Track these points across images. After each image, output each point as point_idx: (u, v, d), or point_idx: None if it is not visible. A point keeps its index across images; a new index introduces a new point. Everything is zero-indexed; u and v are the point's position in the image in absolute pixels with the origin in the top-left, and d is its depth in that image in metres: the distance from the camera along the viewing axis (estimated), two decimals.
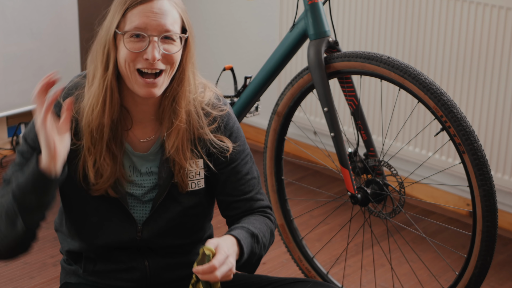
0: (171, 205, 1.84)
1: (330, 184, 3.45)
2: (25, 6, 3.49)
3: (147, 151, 1.83)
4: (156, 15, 1.70)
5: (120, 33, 1.71)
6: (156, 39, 1.70)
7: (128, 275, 1.87)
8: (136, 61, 1.71)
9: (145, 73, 1.72)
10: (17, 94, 3.57)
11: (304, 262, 2.58)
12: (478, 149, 2.06)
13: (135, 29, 1.70)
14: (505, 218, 3.09)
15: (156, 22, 1.70)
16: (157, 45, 1.70)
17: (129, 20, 1.71)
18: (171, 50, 1.72)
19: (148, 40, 1.70)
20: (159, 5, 1.71)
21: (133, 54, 1.71)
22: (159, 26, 1.70)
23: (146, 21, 1.70)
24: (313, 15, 2.33)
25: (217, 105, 1.86)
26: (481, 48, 2.94)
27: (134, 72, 1.72)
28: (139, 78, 1.72)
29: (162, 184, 1.82)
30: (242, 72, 3.28)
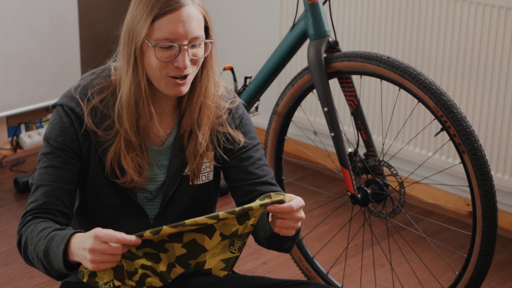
0: (181, 199, 1.86)
1: (330, 184, 3.44)
2: (25, 6, 3.49)
3: (162, 145, 1.84)
4: (185, 24, 1.71)
5: (151, 45, 1.71)
6: (185, 47, 1.71)
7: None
8: (167, 68, 1.72)
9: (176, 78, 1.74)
10: (17, 94, 3.57)
11: (304, 262, 2.58)
12: (478, 149, 2.06)
13: (165, 40, 1.71)
14: (505, 218, 3.09)
15: (185, 31, 1.71)
16: (187, 53, 1.72)
17: (157, 29, 1.71)
18: (199, 55, 1.75)
19: (178, 49, 1.71)
20: (187, 13, 1.72)
21: (163, 63, 1.72)
22: (188, 34, 1.71)
23: (175, 30, 1.70)
24: (313, 15, 2.33)
25: (227, 97, 1.89)
26: (481, 48, 2.94)
27: (165, 78, 1.73)
28: (170, 79, 1.73)
29: (172, 177, 1.84)
30: (242, 72, 3.27)
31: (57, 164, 1.79)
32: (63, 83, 3.69)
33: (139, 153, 1.79)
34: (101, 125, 1.78)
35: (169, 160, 1.84)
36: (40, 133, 3.77)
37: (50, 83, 3.66)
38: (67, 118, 1.78)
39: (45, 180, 1.79)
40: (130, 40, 1.74)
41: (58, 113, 1.79)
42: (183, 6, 1.72)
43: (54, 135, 1.78)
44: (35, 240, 1.72)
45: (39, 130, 3.79)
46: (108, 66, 1.85)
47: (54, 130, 1.79)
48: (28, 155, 3.63)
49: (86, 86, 1.81)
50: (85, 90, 1.80)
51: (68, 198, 1.80)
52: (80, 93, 1.79)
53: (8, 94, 3.55)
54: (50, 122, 1.81)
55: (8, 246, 2.91)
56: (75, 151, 1.79)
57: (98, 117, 1.78)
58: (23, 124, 3.76)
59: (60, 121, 1.78)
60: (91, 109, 1.77)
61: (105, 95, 1.79)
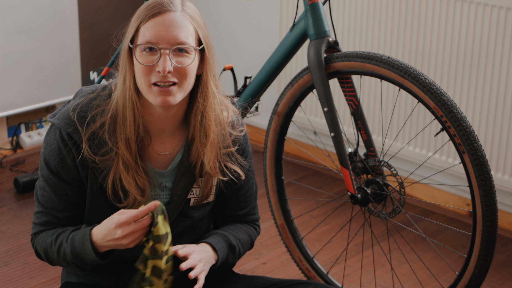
0: (182, 220, 1.86)
1: (330, 184, 3.44)
2: (25, 6, 3.49)
3: (165, 168, 1.83)
4: (168, 28, 1.70)
5: (132, 46, 1.71)
6: (167, 51, 1.69)
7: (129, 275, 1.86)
8: (151, 75, 1.70)
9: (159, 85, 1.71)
10: (17, 94, 3.57)
11: (304, 262, 2.58)
12: (478, 149, 2.06)
13: (147, 42, 1.70)
14: (505, 218, 3.09)
15: (167, 35, 1.69)
16: (169, 58, 1.69)
17: (141, 34, 1.71)
18: (184, 63, 1.71)
19: (159, 53, 1.70)
20: (171, 17, 1.70)
21: (146, 67, 1.70)
22: (171, 38, 1.70)
23: (157, 34, 1.69)
24: (313, 15, 2.33)
25: (237, 125, 1.88)
26: (481, 48, 2.94)
27: (150, 86, 1.71)
28: (154, 87, 1.71)
29: (176, 201, 1.83)
30: (242, 72, 3.27)
31: (60, 192, 1.79)
32: (63, 83, 3.69)
33: (139, 172, 1.77)
34: (98, 152, 1.76)
35: (172, 183, 1.83)
36: (40, 133, 3.77)
37: (50, 83, 3.66)
38: (63, 145, 1.75)
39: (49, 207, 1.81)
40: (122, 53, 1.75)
41: (55, 136, 1.76)
42: (169, 11, 1.71)
43: (52, 161, 1.77)
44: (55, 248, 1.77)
45: (39, 130, 3.79)
46: (109, 85, 1.82)
47: (52, 155, 1.77)
48: (28, 155, 3.63)
49: (86, 107, 1.77)
50: (84, 113, 1.76)
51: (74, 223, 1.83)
52: (78, 116, 1.76)
53: (8, 94, 3.54)
54: (47, 141, 1.79)
55: (8, 246, 2.91)
56: (74, 177, 1.78)
57: (96, 144, 1.76)
58: (23, 124, 3.76)
59: (58, 148, 1.76)
60: (89, 135, 1.75)
61: (105, 120, 1.76)
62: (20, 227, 3.04)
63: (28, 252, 2.87)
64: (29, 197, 3.27)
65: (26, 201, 3.24)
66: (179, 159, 1.83)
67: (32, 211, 3.15)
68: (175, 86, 1.71)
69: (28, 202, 3.24)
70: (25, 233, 3.00)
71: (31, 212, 3.15)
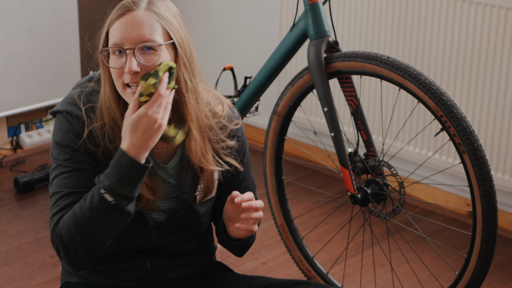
0: (188, 216, 1.86)
1: (330, 184, 3.44)
2: (24, 6, 3.49)
3: (166, 163, 1.83)
4: (130, 28, 1.69)
5: (99, 51, 1.72)
6: (133, 51, 1.69)
7: (129, 275, 1.87)
8: (123, 77, 1.70)
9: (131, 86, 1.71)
10: (17, 94, 3.57)
11: (304, 262, 2.57)
12: (478, 149, 2.06)
13: (113, 45, 1.70)
14: (505, 218, 3.09)
15: (130, 34, 1.69)
16: (134, 58, 1.68)
17: (110, 37, 1.72)
18: (151, 61, 1.70)
19: (126, 55, 1.69)
20: (132, 17, 1.70)
21: (117, 70, 1.70)
22: (134, 38, 1.69)
23: (120, 35, 1.69)
24: (313, 15, 2.33)
25: (232, 117, 1.88)
26: (481, 48, 2.94)
27: (124, 88, 1.72)
28: (127, 89, 1.71)
29: (186, 199, 1.83)
30: (242, 72, 3.27)
31: (81, 166, 1.75)
32: (63, 83, 3.69)
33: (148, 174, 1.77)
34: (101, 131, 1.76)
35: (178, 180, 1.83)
36: (40, 133, 3.77)
37: (50, 82, 3.66)
38: (77, 124, 1.75)
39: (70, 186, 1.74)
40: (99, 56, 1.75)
41: (66, 119, 1.76)
42: (130, 11, 1.70)
43: (68, 140, 1.75)
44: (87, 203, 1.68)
45: (39, 130, 3.79)
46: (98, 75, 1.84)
47: (67, 136, 1.75)
48: (28, 155, 3.63)
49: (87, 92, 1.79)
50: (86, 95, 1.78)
51: None
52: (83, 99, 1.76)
53: (8, 94, 3.54)
54: (56, 129, 1.77)
55: (8, 246, 2.91)
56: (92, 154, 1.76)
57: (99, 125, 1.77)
58: (23, 124, 3.76)
59: (71, 126, 1.75)
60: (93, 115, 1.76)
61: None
62: (20, 227, 3.04)
63: (28, 252, 2.87)
64: (29, 197, 3.27)
65: (26, 201, 3.24)
66: (179, 156, 1.83)
67: (32, 211, 3.15)
68: None
69: (28, 202, 3.24)
70: (25, 233, 3.00)
71: (31, 212, 3.15)
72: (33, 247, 2.90)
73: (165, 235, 1.85)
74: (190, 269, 1.92)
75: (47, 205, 3.19)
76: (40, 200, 3.24)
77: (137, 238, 1.83)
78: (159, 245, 1.86)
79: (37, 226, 3.04)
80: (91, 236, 1.70)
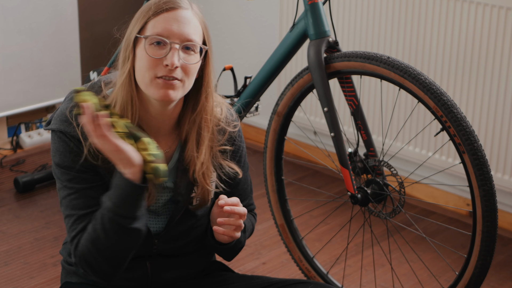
0: (186, 219, 1.86)
1: (330, 184, 3.44)
2: (24, 6, 3.49)
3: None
4: (180, 24, 1.70)
5: (142, 36, 1.70)
6: (177, 46, 1.70)
7: (129, 275, 1.87)
8: (157, 68, 1.70)
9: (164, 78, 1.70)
10: (17, 94, 3.57)
11: (304, 262, 2.57)
12: (478, 149, 2.06)
13: (158, 34, 1.70)
14: (505, 218, 3.09)
15: (178, 30, 1.70)
16: (177, 53, 1.70)
17: (151, 27, 1.71)
18: (191, 61, 1.72)
19: (169, 47, 1.69)
20: (184, 14, 1.72)
21: (152, 60, 1.69)
22: (182, 34, 1.70)
23: (169, 28, 1.70)
24: (313, 15, 2.33)
25: (230, 120, 1.88)
26: (481, 48, 2.94)
27: (153, 79, 1.70)
28: (157, 80, 1.70)
29: (181, 201, 1.83)
30: (242, 72, 3.27)
31: (85, 185, 1.75)
32: (63, 83, 3.69)
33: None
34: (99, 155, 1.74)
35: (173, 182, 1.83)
36: (40, 133, 3.77)
37: (50, 83, 3.66)
38: (73, 144, 1.74)
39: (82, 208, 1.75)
40: (126, 45, 1.73)
41: (60, 140, 1.75)
42: (181, 8, 1.72)
43: (68, 161, 1.74)
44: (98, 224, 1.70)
45: (39, 130, 3.79)
46: (97, 82, 1.82)
47: (65, 157, 1.75)
48: (28, 155, 3.63)
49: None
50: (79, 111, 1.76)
51: None
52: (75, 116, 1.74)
53: (8, 94, 3.54)
54: (54, 149, 1.77)
55: (8, 246, 2.91)
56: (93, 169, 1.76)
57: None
58: (23, 124, 3.75)
59: (68, 146, 1.74)
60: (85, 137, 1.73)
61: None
62: (20, 227, 3.04)
63: (28, 252, 2.87)
64: (29, 197, 3.27)
65: (26, 201, 3.24)
66: (177, 158, 1.83)
67: (32, 211, 3.15)
68: (178, 81, 1.71)
69: (28, 202, 3.24)
70: (25, 233, 3.00)
71: (31, 212, 3.15)
72: (33, 247, 2.90)
73: (167, 243, 1.85)
74: (190, 269, 1.92)
75: (47, 205, 3.20)
76: (40, 200, 3.24)
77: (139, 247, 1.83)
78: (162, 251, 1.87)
79: (37, 226, 3.04)
80: (112, 254, 1.72)
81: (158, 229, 1.85)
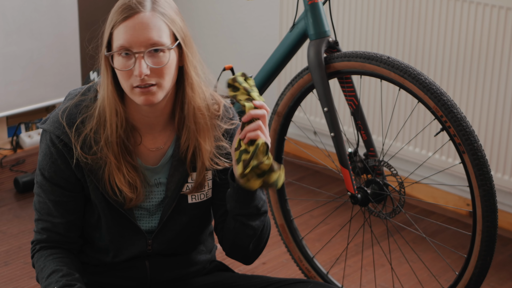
0: (179, 217, 1.85)
1: (330, 184, 3.44)
2: (25, 6, 3.49)
3: (156, 164, 1.82)
4: (138, 31, 1.68)
5: (106, 54, 1.71)
6: (142, 54, 1.68)
7: (129, 274, 1.87)
8: (131, 78, 1.69)
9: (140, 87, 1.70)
10: (17, 94, 3.57)
11: (304, 262, 2.58)
12: (478, 149, 2.06)
13: (120, 48, 1.69)
14: (505, 218, 3.09)
15: (138, 38, 1.68)
16: (144, 61, 1.68)
17: (115, 39, 1.70)
18: (161, 63, 1.70)
19: (134, 57, 1.68)
20: (140, 19, 1.69)
21: (124, 72, 1.69)
22: (144, 41, 1.68)
23: (128, 38, 1.68)
24: (313, 15, 2.33)
25: (227, 118, 1.87)
26: (481, 48, 2.94)
27: (132, 88, 1.71)
28: (135, 89, 1.70)
29: (170, 196, 1.82)
30: None
31: (53, 198, 1.78)
32: (63, 83, 3.69)
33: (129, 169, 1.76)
34: (89, 153, 1.75)
35: (166, 178, 1.82)
36: (40, 133, 3.77)
37: (50, 83, 3.66)
38: (54, 149, 1.75)
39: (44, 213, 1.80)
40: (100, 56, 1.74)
41: (46, 141, 1.76)
42: (137, 13, 1.69)
43: (45, 166, 1.77)
44: (44, 282, 1.75)
45: (39, 130, 3.79)
46: (94, 85, 1.82)
47: (45, 161, 1.77)
48: (28, 155, 3.64)
49: (74, 109, 1.77)
50: (73, 115, 1.76)
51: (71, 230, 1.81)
52: (67, 119, 1.75)
53: (8, 94, 3.55)
54: (40, 148, 1.79)
55: (8, 246, 2.91)
56: (69, 180, 1.77)
57: (86, 145, 1.75)
58: (23, 124, 3.76)
59: (49, 152, 1.76)
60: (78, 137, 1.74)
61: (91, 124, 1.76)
62: (20, 227, 3.04)
63: (28, 252, 2.87)
64: (29, 197, 3.27)
65: (26, 201, 3.24)
66: (171, 153, 1.82)
67: (32, 211, 3.15)
68: (154, 86, 1.70)
69: (28, 202, 3.24)
70: (25, 233, 3.00)
71: (31, 212, 3.15)
72: None
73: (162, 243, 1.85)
74: (190, 268, 1.92)
75: None
76: None
77: (133, 248, 1.83)
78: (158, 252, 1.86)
79: None
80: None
81: (151, 228, 1.85)
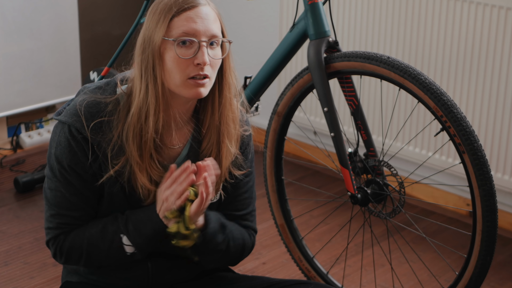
0: None
1: (330, 184, 3.44)
2: (25, 6, 3.49)
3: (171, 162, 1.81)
4: (203, 20, 1.71)
5: (170, 39, 1.69)
6: (204, 44, 1.70)
7: (130, 275, 1.87)
8: (188, 69, 1.69)
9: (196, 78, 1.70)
10: (17, 94, 3.57)
11: (304, 262, 2.57)
12: (478, 149, 2.06)
13: (184, 34, 1.69)
14: (505, 218, 3.09)
15: (204, 27, 1.70)
16: (206, 50, 1.70)
17: (175, 27, 1.70)
18: (217, 56, 1.74)
19: (197, 46, 1.70)
20: (205, 11, 1.72)
21: (182, 61, 1.69)
22: (207, 31, 1.71)
23: (194, 26, 1.70)
24: (313, 15, 2.33)
25: (242, 123, 1.88)
26: (481, 48, 2.94)
27: (185, 79, 1.70)
28: (189, 81, 1.70)
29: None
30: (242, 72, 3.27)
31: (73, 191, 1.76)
32: (63, 83, 3.69)
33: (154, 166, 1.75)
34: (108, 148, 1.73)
35: None
36: (40, 133, 3.77)
37: (50, 83, 3.66)
38: (74, 141, 1.72)
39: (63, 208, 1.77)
40: (147, 45, 1.70)
41: (65, 134, 1.73)
42: (201, 5, 1.72)
43: (65, 159, 1.74)
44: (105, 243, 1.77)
45: (39, 130, 3.79)
46: (113, 80, 1.79)
47: (64, 154, 1.74)
48: (28, 155, 3.64)
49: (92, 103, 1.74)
50: (91, 109, 1.73)
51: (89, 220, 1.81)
52: (85, 112, 1.73)
53: (8, 94, 3.55)
54: (56, 140, 1.75)
55: (8, 246, 2.91)
56: (88, 172, 1.75)
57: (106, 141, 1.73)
58: (23, 124, 3.76)
59: (69, 145, 1.73)
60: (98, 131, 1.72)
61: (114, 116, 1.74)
62: (20, 227, 3.04)
63: (28, 252, 2.87)
64: (29, 197, 3.27)
65: (26, 201, 3.24)
66: (186, 153, 1.82)
67: (32, 211, 3.15)
68: (207, 78, 1.72)
69: (28, 202, 3.24)
70: (25, 233, 3.00)
71: (31, 212, 3.15)
72: (33, 247, 2.90)
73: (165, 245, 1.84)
74: (191, 270, 1.92)
75: None
76: (40, 200, 3.24)
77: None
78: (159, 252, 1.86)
79: (37, 226, 3.04)
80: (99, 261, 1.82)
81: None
